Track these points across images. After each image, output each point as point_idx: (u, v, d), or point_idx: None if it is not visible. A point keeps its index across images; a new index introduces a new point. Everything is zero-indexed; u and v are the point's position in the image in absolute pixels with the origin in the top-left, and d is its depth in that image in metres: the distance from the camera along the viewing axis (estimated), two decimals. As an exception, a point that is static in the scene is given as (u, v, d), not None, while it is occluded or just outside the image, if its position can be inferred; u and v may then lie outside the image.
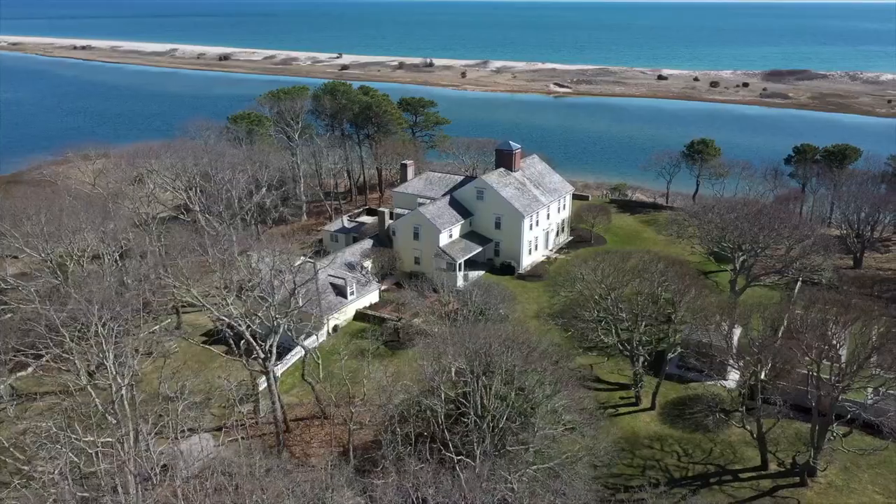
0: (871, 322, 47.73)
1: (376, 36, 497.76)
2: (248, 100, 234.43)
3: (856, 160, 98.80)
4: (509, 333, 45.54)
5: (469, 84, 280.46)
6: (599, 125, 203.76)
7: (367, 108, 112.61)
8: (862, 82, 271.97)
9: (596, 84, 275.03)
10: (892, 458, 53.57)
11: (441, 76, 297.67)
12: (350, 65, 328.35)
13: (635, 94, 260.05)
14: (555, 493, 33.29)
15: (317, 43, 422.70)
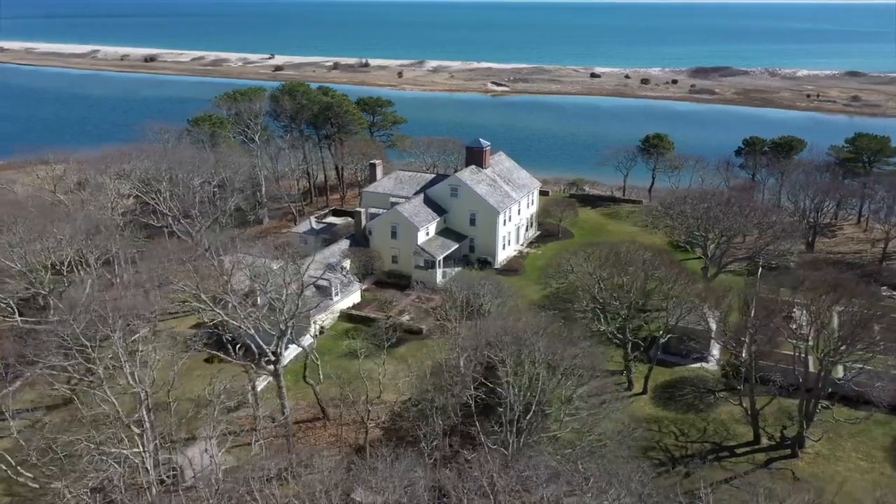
0: (857, 300, 51.12)
1: (309, 36, 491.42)
2: (179, 102, 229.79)
3: (801, 151, 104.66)
4: (540, 322, 46.61)
5: (407, 84, 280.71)
6: (541, 123, 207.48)
7: (327, 109, 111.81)
8: (780, 78, 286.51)
9: (533, 82, 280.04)
10: (870, 428, 57.44)
11: (377, 76, 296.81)
12: (283, 65, 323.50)
13: (571, 91, 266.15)
14: (608, 474, 34.60)
15: (247, 43, 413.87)
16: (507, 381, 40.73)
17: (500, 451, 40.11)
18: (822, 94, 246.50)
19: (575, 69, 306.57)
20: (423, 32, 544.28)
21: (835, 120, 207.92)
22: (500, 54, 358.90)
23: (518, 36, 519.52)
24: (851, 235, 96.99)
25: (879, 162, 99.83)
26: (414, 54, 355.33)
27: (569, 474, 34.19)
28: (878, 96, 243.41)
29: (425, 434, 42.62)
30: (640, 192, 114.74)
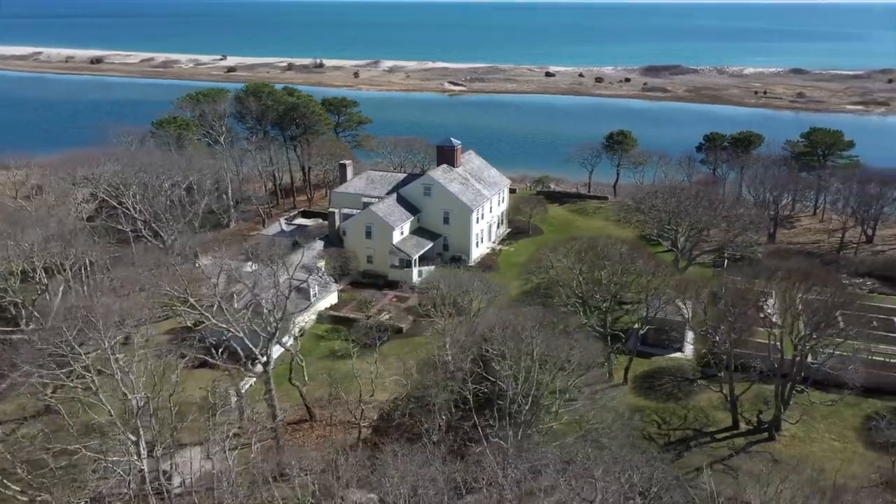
0: (829, 288, 53.30)
1: (260, 37, 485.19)
2: (131, 105, 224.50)
3: (759, 145, 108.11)
4: (537, 316, 47.31)
5: (363, 84, 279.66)
6: (500, 122, 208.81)
7: (293, 109, 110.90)
8: (729, 76, 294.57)
9: (489, 82, 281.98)
10: (840, 409, 59.86)
11: (333, 77, 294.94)
12: (236, 67, 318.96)
13: (527, 90, 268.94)
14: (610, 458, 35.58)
15: (198, 44, 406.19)
16: (509, 375, 41.35)
17: (499, 443, 40.69)
18: (769, 91, 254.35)
19: (530, 68, 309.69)
20: (375, 33, 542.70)
21: (782, 116, 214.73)
22: (454, 54, 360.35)
23: (471, 36, 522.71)
24: (809, 226, 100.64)
25: (833, 155, 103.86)
26: (368, 54, 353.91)
27: (582, 461, 35.01)
28: (821, 93, 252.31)
29: (428, 429, 42.90)
30: (605, 189, 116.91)
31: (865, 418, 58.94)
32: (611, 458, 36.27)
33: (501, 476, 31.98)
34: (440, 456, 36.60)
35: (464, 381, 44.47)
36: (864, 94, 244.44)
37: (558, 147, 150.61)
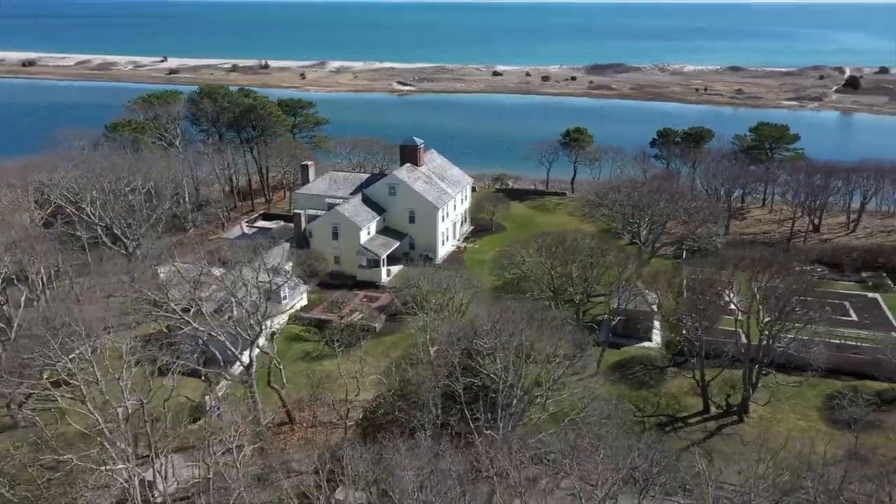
0: (789, 275, 55.80)
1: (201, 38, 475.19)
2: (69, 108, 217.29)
3: (710, 140, 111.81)
4: (528, 309, 48.13)
5: (311, 85, 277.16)
6: (451, 121, 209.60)
7: (249, 111, 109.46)
8: (670, 74, 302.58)
9: (438, 81, 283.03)
10: (803, 391, 62.64)
11: (279, 78, 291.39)
12: (178, 69, 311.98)
13: (476, 90, 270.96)
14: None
15: (136, 46, 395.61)
16: (500, 368, 42.08)
17: (492, 436, 41.41)
18: (710, 87, 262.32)
19: (477, 68, 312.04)
20: (319, 33, 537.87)
21: (723, 112, 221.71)
22: (401, 54, 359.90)
23: (416, 36, 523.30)
24: (759, 217, 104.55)
25: (780, 149, 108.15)
26: (314, 55, 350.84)
27: (588, 445, 36.11)
28: (758, 89, 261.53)
29: (423, 423, 43.23)
30: (563, 185, 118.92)
31: (826, 398, 61.82)
32: (610, 442, 37.43)
33: (510, 464, 32.65)
34: (443, 448, 36.99)
35: (451, 375, 44.98)
36: (798, 90, 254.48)
37: (512, 145, 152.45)
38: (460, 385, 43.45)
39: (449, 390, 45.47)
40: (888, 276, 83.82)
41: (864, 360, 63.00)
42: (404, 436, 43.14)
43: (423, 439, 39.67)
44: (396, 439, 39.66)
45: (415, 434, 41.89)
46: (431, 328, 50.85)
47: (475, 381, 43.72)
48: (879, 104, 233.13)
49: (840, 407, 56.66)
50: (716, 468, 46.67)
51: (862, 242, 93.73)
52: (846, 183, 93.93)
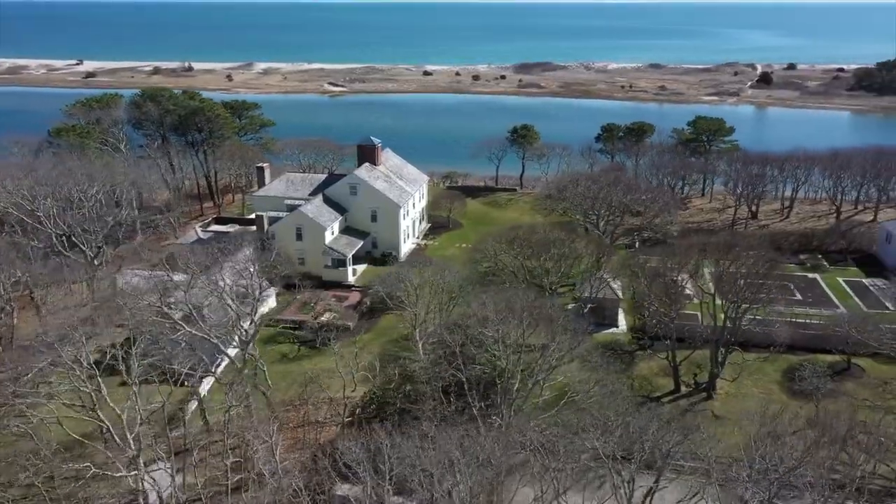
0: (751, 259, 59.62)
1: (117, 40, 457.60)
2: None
3: (651, 134, 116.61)
4: (528, 298, 49.59)
5: (239, 87, 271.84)
6: (388, 120, 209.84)
7: (195, 114, 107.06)
8: (595, 71, 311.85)
9: (369, 82, 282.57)
10: (763, 367, 66.66)
11: (205, 80, 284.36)
12: (96, 72, 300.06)
13: (408, 90, 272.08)
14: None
15: (49, 48, 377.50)
16: (506, 357, 43.48)
17: (497, 421, 42.84)
18: (634, 85, 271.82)
19: (407, 68, 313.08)
20: (243, 34, 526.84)
21: (649, 107, 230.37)
22: (329, 55, 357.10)
23: (344, 37, 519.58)
24: (700, 207, 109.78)
25: (717, 141, 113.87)
26: (238, 56, 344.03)
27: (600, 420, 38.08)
28: (679, 85, 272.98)
29: (431, 412, 44.09)
30: (512, 181, 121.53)
31: (783, 372, 66.06)
32: (618, 415, 39.84)
33: (536, 442, 34.04)
34: (479, 430, 38.18)
35: (452, 364, 46.18)
36: (717, 86, 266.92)
37: (454, 144, 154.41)
38: (464, 374, 44.63)
39: (452, 380, 46.61)
40: (823, 257, 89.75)
41: (817, 335, 67.50)
42: (407, 425, 43.94)
43: (430, 428, 40.56)
44: (409, 428, 40.36)
45: (418, 423, 42.68)
46: (426, 320, 51.73)
47: (484, 368, 45.00)
48: (791, 98, 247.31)
49: (801, 378, 60.70)
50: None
51: (796, 227, 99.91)
52: (781, 171, 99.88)
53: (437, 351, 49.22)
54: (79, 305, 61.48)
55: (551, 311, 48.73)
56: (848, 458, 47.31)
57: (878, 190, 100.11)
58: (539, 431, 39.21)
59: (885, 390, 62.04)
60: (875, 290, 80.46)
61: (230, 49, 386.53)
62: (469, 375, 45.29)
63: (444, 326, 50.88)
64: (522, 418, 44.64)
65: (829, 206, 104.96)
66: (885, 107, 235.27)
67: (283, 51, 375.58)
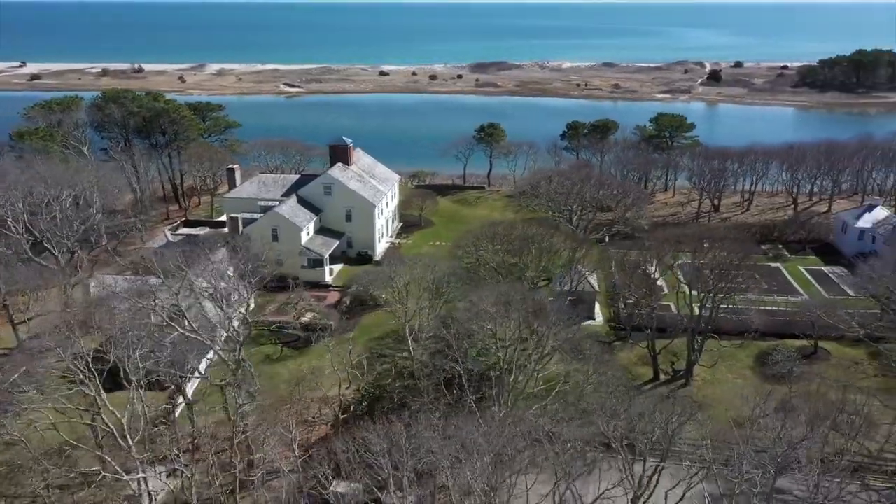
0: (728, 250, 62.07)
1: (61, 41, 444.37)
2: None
3: (615, 131, 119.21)
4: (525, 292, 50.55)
5: (192, 89, 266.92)
6: (347, 121, 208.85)
7: (159, 115, 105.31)
8: (549, 70, 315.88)
9: (326, 82, 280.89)
10: (735, 353, 69.19)
11: (156, 82, 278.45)
12: (41, 74, 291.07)
13: (365, 90, 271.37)
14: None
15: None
16: (504, 348, 44.50)
17: (496, 413, 43.79)
18: (589, 83, 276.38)
19: (363, 68, 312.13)
20: (189, 35, 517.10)
21: (604, 106, 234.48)
22: (283, 55, 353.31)
23: (299, 37, 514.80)
24: (665, 201, 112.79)
25: (678, 137, 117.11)
26: (190, 58, 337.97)
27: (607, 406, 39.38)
28: (633, 83, 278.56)
29: (431, 405, 44.74)
30: (479, 179, 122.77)
31: (755, 358, 68.69)
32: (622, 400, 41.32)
33: (545, 433, 35.11)
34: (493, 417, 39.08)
35: (448, 357, 47.00)
36: (669, 84, 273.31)
37: (411, 143, 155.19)
38: (461, 367, 45.49)
39: (451, 373, 47.43)
40: (784, 247, 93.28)
41: (785, 322, 70.36)
42: (410, 419, 44.54)
43: (435, 419, 41.28)
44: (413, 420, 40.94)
45: (418, 416, 43.33)
46: (418, 315, 52.43)
47: (485, 361, 45.92)
48: (740, 95, 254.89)
49: (775, 362, 63.31)
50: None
51: (756, 219, 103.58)
52: (741, 165, 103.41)
53: (435, 345, 49.90)
54: (59, 311, 60.14)
55: (545, 303, 49.79)
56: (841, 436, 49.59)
57: (832, 182, 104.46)
58: (549, 418, 40.27)
59: (857, 371, 65.11)
60: (834, 277, 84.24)
61: (181, 50, 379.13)
62: (465, 368, 46.16)
63: (440, 321, 51.58)
64: (521, 408, 45.75)
65: (786, 198, 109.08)
66: (828, 102, 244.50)
67: (237, 51, 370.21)
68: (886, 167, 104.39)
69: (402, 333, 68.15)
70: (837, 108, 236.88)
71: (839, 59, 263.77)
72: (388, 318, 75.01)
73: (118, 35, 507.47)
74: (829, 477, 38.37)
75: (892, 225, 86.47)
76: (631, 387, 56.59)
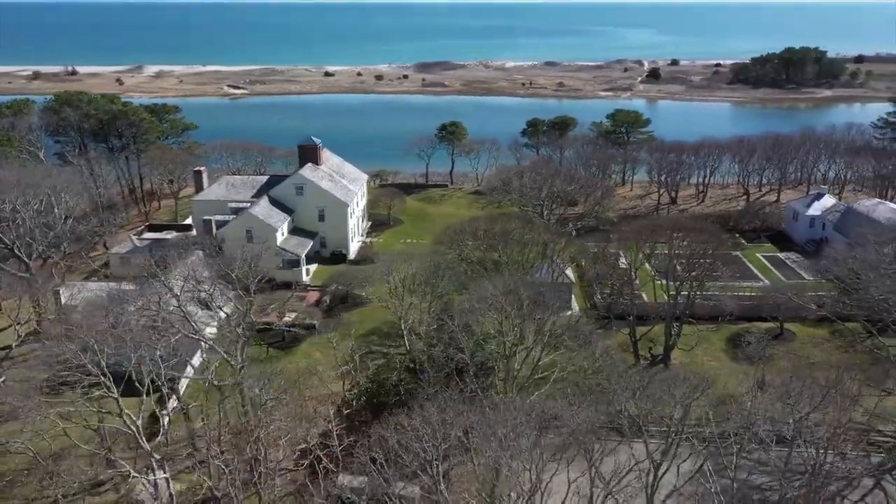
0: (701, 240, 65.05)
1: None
2: None
3: (574, 128, 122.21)
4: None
5: (132, 91, 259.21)
6: (296, 122, 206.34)
7: (116, 118, 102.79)
8: (493, 69, 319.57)
9: (271, 84, 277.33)
10: (708, 336, 72.41)
11: (92, 85, 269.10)
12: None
13: (312, 91, 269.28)
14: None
15: None
16: (512, 336, 45.82)
17: (503, 400, 45.10)
18: (534, 82, 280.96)
19: (307, 69, 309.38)
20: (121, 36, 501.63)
21: (550, 104, 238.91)
22: (223, 57, 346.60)
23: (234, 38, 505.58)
24: (624, 195, 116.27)
25: (634, 132, 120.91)
26: (125, 60, 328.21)
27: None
28: (576, 82, 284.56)
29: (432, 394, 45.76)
30: (441, 177, 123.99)
31: (727, 340, 72.04)
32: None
33: (571, 413, 36.57)
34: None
35: (450, 347, 48.17)
36: (610, 82, 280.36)
37: (369, 143, 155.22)
38: (467, 355, 46.68)
39: (459, 363, 48.56)
40: (740, 236, 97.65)
41: (753, 305, 73.99)
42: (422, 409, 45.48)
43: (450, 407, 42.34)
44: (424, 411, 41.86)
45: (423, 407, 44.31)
46: (419, 308, 53.39)
47: (491, 349, 47.12)
48: (679, 92, 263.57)
49: (748, 343, 66.64)
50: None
51: (712, 210, 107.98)
52: (697, 158, 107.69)
53: (437, 335, 50.92)
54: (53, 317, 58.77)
55: (545, 292, 51.43)
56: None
57: (780, 172, 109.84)
58: (564, 401, 41.81)
59: (822, 349, 69.01)
60: (790, 262, 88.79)
61: (115, 52, 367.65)
62: (471, 357, 47.38)
63: (443, 312, 52.67)
64: (530, 393, 47.28)
65: (737, 189, 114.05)
66: (761, 98, 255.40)
67: (174, 53, 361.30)
68: (829, 158, 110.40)
69: (388, 330, 69.31)
70: (770, 104, 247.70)
71: (770, 56, 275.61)
72: (371, 315, 75.78)
73: (44, 36, 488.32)
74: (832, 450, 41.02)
75: (840, 212, 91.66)
76: (641, 368, 58.55)
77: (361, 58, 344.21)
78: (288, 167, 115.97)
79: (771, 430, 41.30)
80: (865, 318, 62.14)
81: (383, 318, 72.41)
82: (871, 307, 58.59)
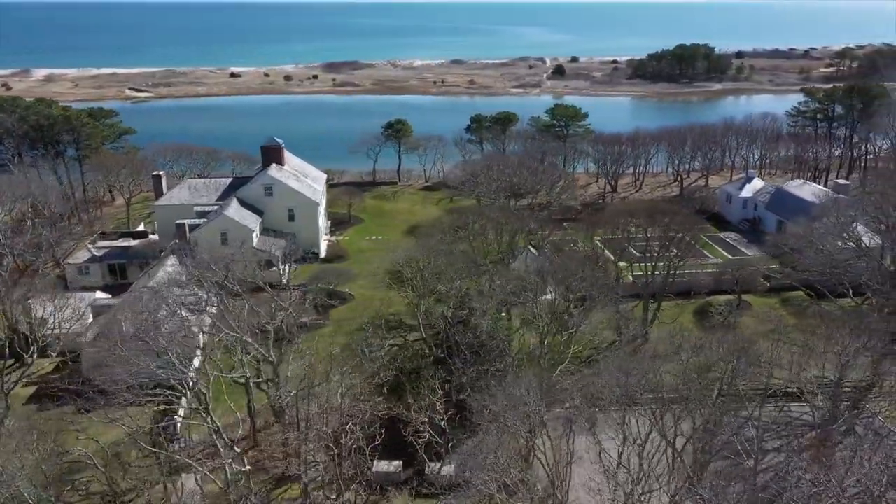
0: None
1: None
2: None
3: (515, 123, 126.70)
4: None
5: (23, 96, 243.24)
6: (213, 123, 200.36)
7: (56, 123, 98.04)
8: (402, 69, 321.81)
9: (176, 86, 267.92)
10: (676, 310, 78.38)
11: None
12: None
13: (220, 92, 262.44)
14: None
15: None
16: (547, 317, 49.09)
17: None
18: (445, 80, 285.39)
19: (211, 70, 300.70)
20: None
21: (464, 101, 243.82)
22: (117, 59, 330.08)
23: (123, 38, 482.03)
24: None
25: (573, 126, 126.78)
26: (7, 63, 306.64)
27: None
28: (485, 79, 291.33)
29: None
30: (388, 175, 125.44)
31: (693, 313, 78.28)
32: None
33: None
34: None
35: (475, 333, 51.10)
36: (518, 79, 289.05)
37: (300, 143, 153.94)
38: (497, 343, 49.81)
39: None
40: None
41: (714, 280, 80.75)
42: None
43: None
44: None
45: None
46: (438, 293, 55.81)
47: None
48: (584, 87, 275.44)
49: (719, 313, 73.00)
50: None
51: (649, 196, 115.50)
52: (634, 149, 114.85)
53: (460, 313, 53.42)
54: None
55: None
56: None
57: (708, 159, 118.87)
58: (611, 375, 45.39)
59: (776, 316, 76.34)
60: (731, 241, 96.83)
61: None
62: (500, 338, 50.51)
63: (468, 294, 55.31)
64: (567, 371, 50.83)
65: (668, 176, 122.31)
66: (659, 92, 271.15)
67: (62, 55, 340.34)
68: (749, 144, 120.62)
69: (380, 322, 70.70)
70: (667, 98, 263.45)
71: (664, 53, 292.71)
72: (357, 311, 76.99)
73: None
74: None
75: (770, 193, 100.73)
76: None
77: (264, 59, 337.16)
78: (235, 170, 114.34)
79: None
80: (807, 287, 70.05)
81: (370, 312, 74.02)
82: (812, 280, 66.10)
